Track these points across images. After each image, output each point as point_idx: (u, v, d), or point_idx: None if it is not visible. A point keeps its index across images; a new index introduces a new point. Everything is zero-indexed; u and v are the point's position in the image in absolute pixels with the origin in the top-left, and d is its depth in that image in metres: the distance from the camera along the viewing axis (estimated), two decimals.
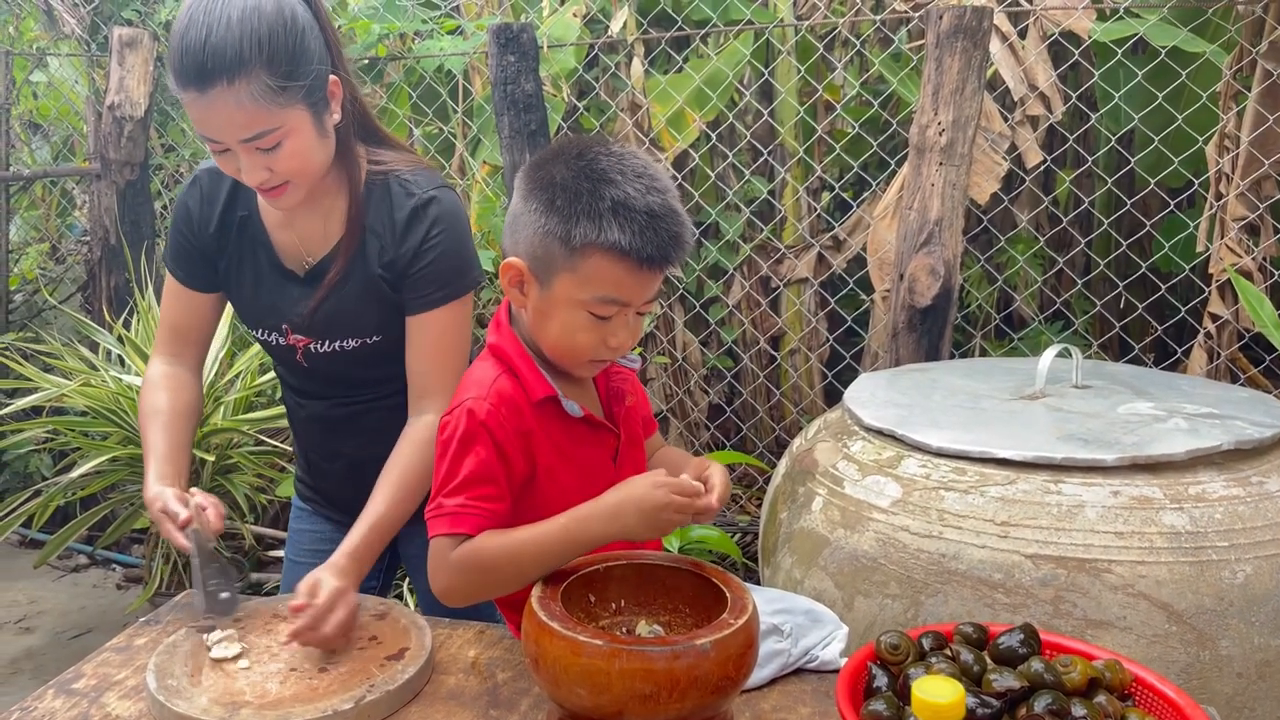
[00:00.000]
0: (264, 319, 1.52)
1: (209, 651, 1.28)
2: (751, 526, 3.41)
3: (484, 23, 3.33)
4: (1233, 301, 2.78)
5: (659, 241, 1.12)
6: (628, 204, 1.11)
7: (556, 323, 1.17)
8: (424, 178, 1.46)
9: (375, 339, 1.48)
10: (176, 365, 1.57)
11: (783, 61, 3.45)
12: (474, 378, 1.23)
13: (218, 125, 1.28)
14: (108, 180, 3.73)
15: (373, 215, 1.45)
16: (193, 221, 1.51)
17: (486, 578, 1.16)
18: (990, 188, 3.09)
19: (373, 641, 1.31)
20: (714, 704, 1.00)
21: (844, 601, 1.67)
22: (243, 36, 1.24)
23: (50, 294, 4.27)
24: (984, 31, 2.48)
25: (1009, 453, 1.65)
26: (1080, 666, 1.00)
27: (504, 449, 1.18)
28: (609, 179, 1.12)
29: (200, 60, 1.23)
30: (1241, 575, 1.49)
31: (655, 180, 1.14)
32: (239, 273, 1.52)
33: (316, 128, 1.35)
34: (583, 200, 1.11)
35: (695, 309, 3.70)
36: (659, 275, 1.16)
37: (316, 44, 1.34)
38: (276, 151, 1.31)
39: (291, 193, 1.37)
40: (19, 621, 3.39)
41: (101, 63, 4.11)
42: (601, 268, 1.12)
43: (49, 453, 3.83)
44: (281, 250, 1.49)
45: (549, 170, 1.15)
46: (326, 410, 1.57)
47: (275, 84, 1.27)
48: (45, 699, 1.24)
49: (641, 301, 1.17)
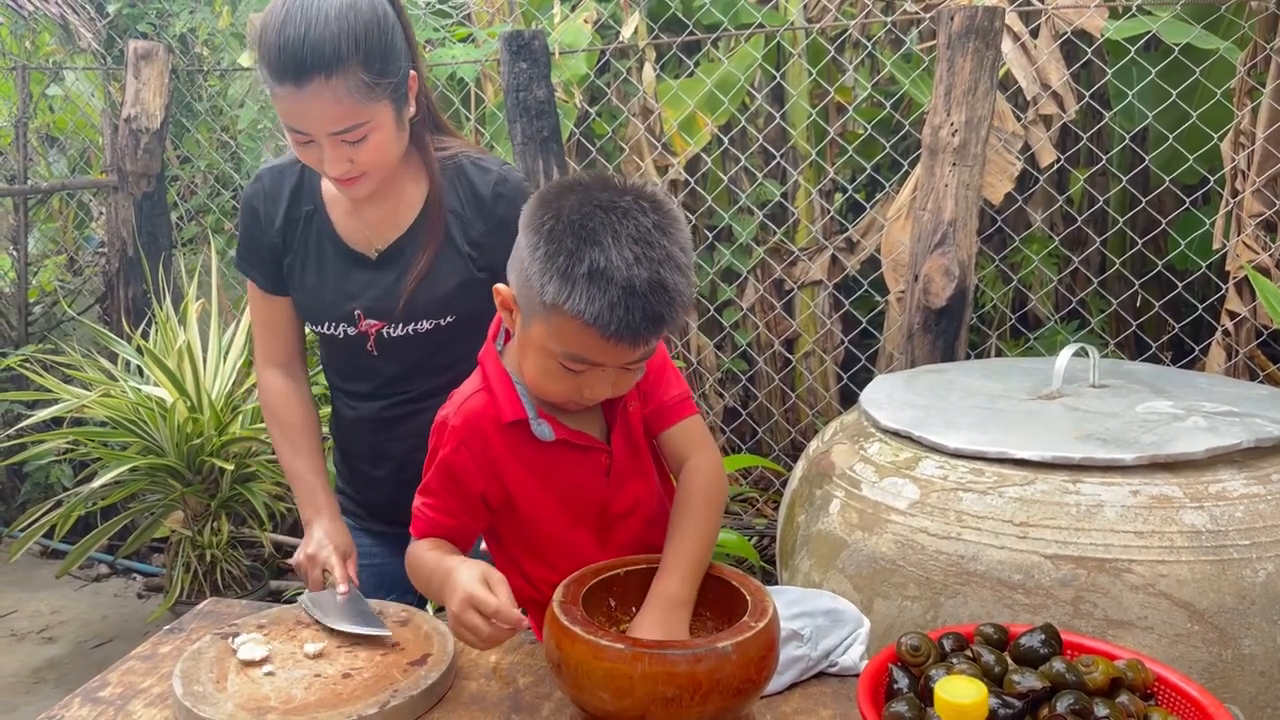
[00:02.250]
0: (332, 309, 1.53)
1: (235, 655, 1.29)
2: (769, 530, 3.41)
3: (496, 30, 3.35)
4: (1250, 298, 2.76)
5: (629, 320, 1.02)
6: (606, 273, 1.02)
7: (532, 363, 1.15)
8: (491, 159, 1.53)
9: (449, 320, 1.51)
10: (291, 377, 1.62)
11: (794, 64, 3.46)
12: (461, 387, 1.26)
13: (311, 118, 1.31)
14: (124, 192, 3.76)
15: (450, 196, 1.49)
16: (260, 220, 1.55)
17: (413, 578, 1.25)
18: (1004, 187, 3.08)
19: (395, 648, 1.32)
20: (736, 706, 1.00)
21: (863, 604, 1.67)
22: (340, 33, 1.27)
23: (69, 306, 4.30)
24: (996, 31, 2.48)
25: (1027, 453, 1.65)
26: (1102, 666, 1.00)
27: (455, 474, 1.21)
28: (596, 240, 1.03)
29: (299, 55, 1.26)
30: (1263, 573, 1.48)
31: (653, 249, 1.04)
32: (303, 267, 1.54)
33: (397, 122, 1.39)
34: (561, 258, 1.04)
35: (709, 313, 3.71)
36: (635, 349, 1.07)
37: (401, 41, 1.38)
38: (362, 144, 1.35)
39: (366, 183, 1.41)
40: (41, 631, 3.41)
41: (117, 76, 4.15)
42: (568, 329, 1.06)
43: (69, 463, 3.86)
44: (349, 238, 1.53)
45: (549, 210, 1.08)
46: (379, 411, 1.59)
47: (369, 80, 1.31)
48: (72, 707, 1.25)
49: (621, 364, 1.11)
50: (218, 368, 3.25)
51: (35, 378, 3.38)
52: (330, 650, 1.32)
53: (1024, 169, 3.13)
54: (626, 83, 3.55)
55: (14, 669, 3.17)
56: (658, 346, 1.19)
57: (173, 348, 3.21)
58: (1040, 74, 3.05)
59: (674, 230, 1.07)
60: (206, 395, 3.09)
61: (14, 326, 4.22)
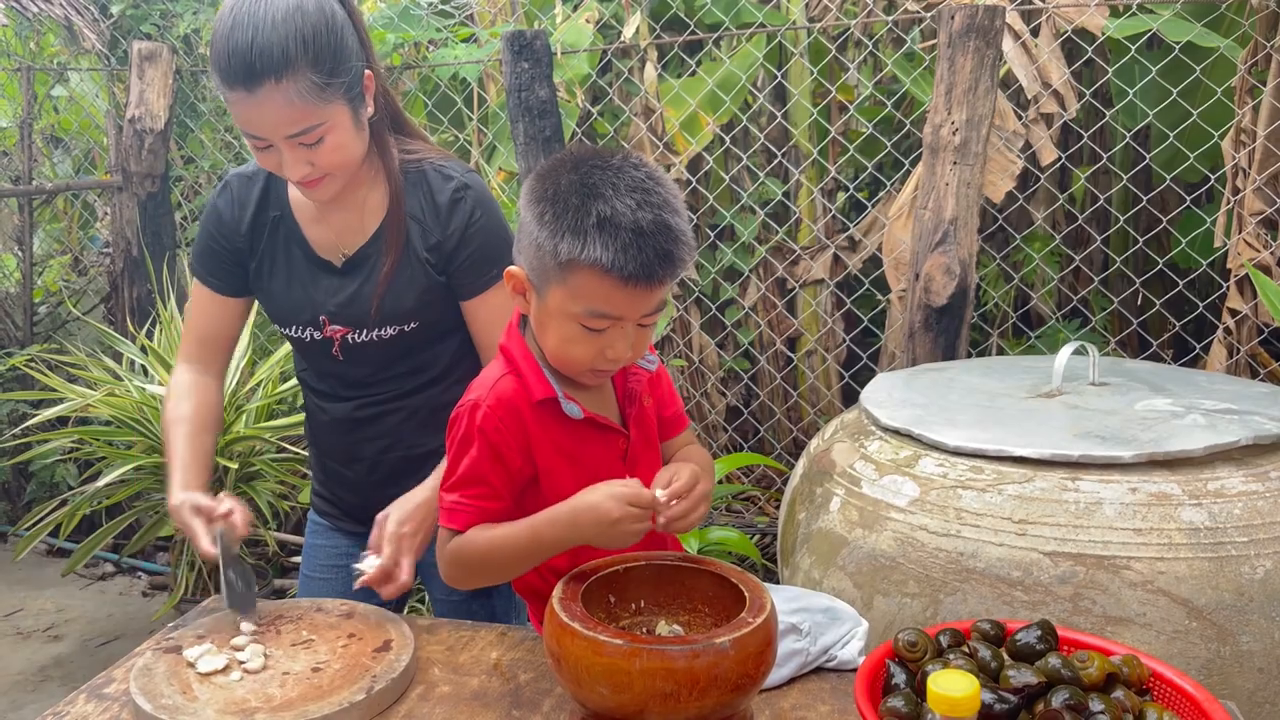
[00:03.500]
0: (299, 314, 1.54)
1: (192, 667, 1.27)
2: (770, 528, 3.42)
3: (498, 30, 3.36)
4: (1251, 296, 2.77)
5: (643, 260, 1.09)
6: (614, 220, 1.09)
7: (553, 333, 1.18)
8: (456, 164, 1.52)
9: (412, 326, 1.52)
10: (201, 373, 1.60)
11: (795, 63, 3.46)
12: (482, 377, 1.26)
13: (264, 123, 1.33)
14: (129, 192, 3.78)
15: (412, 202, 1.49)
16: (224, 225, 1.54)
17: (473, 570, 1.23)
18: (1005, 186, 3.09)
19: (352, 639, 1.34)
20: (734, 702, 1.01)
21: (863, 601, 1.68)
22: (288, 36, 1.29)
23: (74, 305, 4.32)
24: (996, 30, 2.48)
25: (1026, 451, 1.66)
26: (1098, 661, 1.00)
27: (499, 451, 1.20)
28: (599, 194, 1.10)
29: (248, 61, 1.28)
30: (1261, 570, 1.49)
31: (651, 195, 1.12)
32: (271, 272, 1.55)
33: (354, 121, 1.40)
34: (569, 215, 1.11)
35: (711, 311, 3.71)
36: (651, 292, 1.14)
37: (353, 40, 1.38)
38: (319, 146, 1.36)
39: (329, 185, 1.41)
40: (47, 630, 3.43)
41: (121, 77, 4.16)
42: (587, 283, 1.12)
43: (75, 462, 3.87)
44: (316, 245, 1.53)
45: (548, 181, 1.15)
46: (351, 412, 1.59)
47: (320, 81, 1.32)
48: (78, 703, 1.26)
49: (637, 316, 1.16)
50: None
51: (40, 377, 3.40)
52: (253, 642, 1.33)
53: (1025, 167, 3.14)
54: (628, 82, 3.56)
55: (20, 667, 3.19)
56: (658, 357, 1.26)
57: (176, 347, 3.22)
58: (1041, 73, 3.06)
59: (665, 181, 1.16)
60: None
61: (19, 326, 4.24)
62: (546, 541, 1.16)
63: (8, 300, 4.33)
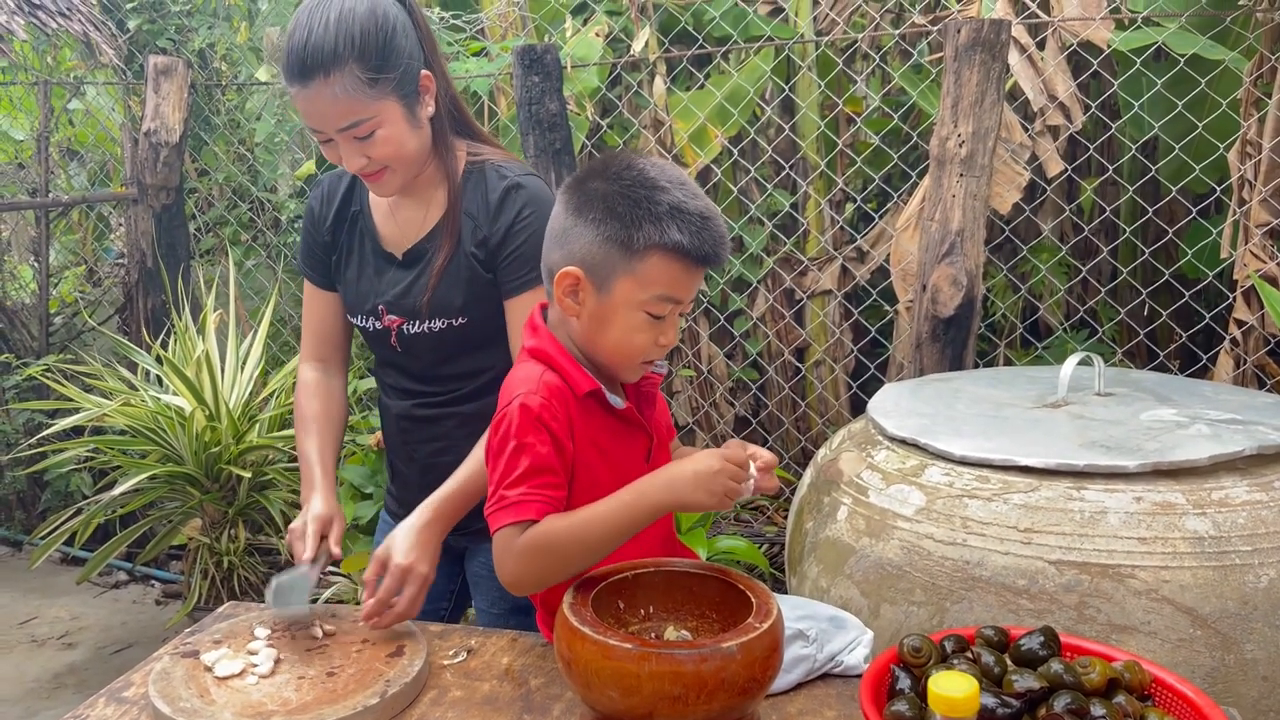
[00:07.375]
0: (364, 303, 1.63)
1: (210, 671, 1.30)
2: (778, 537, 3.43)
3: (508, 44, 3.40)
4: (1258, 307, 2.77)
5: (712, 240, 1.20)
6: (682, 207, 1.19)
7: (616, 326, 1.23)
8: (516, 165, 1.59)
9: (461, 320, 1.57)
10: (323, 372, 1.72)
11: (803, 76, 3.49)
12: (519, 376, 1.26)
13: (319, 115, 1.43)
14: (144, 205, 3.83)
15: (468, 199, 1.56)
16: (314, 220, 1.67)
17: (554, 559, 1.18)
18: (1012, 198, 3.10)
19: (366, 644, 1.37)
20: (741, 705, 1.03)
21: (870, 609, 1.70)
22: (338, 35, 1.39)
23: (89, 316, 4.36)
24: (1002, 44, 2.50)
25: (1031, 460, 1.67)
26: (1099, 667, 1.02)
27: (559, 438, 1.22)
28: (660, 186, 1.19)
29: (302, 58, 1.39)
30: (1265, 579, 1.50)
31: (690, 186, 1.22)
32: (347, 263, 1.65)
33: (408, 118, 1.47)
34: (642, 206, 1.19)
35: (720, 322, 3.73)
36: (703, 274, 1.25)
37: (408, 41, 1.46)
38: (371, 139, 1.44)
39: (389, 178, 1.50)
40: (62, 637, 3.46)
41: (137, 90, 4.21)
42: (660, 267, 1.20)
43: (90, 471, 3.91)
44: (385, 238, 1.62)
45: (595, 185, 1.22)
46: (410, 409, 1.66)
47: (366, 76, 1.40)
48: (97, 707, 1.28)
49: (689, 299, 1.25)
50: (235, 377, 3.29)
51: (56, 387, 3.44)
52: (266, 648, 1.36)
53: (1032, 179, 3.15)
54: (638, 95, 3.59)
55: (35, 674, 3.22)
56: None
57: (191, 358, 3.26)
58: (1047, 85, 3.07)
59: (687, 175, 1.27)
60: (224, 404, 3.14)
61: (35, 337, 4.29)
62: (641, 510, 1.16)
63: (24, 311, 4.38)
